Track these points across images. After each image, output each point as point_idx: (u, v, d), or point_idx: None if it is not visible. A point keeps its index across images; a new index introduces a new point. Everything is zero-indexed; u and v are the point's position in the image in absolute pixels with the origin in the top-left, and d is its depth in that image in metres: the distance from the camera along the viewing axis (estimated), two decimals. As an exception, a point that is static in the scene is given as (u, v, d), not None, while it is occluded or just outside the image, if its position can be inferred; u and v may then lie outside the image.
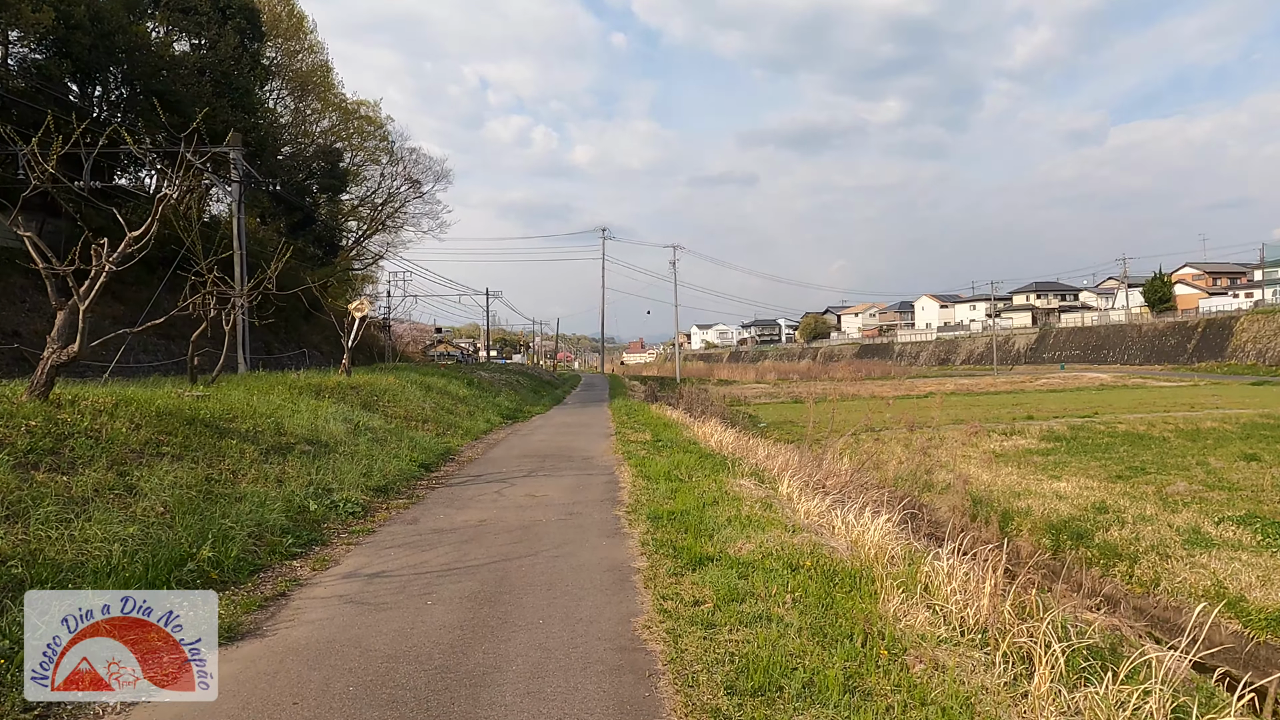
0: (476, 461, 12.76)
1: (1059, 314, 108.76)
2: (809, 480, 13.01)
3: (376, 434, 12.29)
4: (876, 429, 32.63)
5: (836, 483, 14.06)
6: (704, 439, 16.31)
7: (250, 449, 8.53)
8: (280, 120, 46.88)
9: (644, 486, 9.65)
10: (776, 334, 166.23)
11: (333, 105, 50.72)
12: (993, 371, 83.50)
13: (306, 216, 47.07)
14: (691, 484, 9.73)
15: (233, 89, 35.88)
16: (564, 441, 15.74)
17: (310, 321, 39.10)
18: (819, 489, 11.40)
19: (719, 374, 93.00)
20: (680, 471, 10.67)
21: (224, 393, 11.75)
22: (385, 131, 53.56)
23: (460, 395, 21.93)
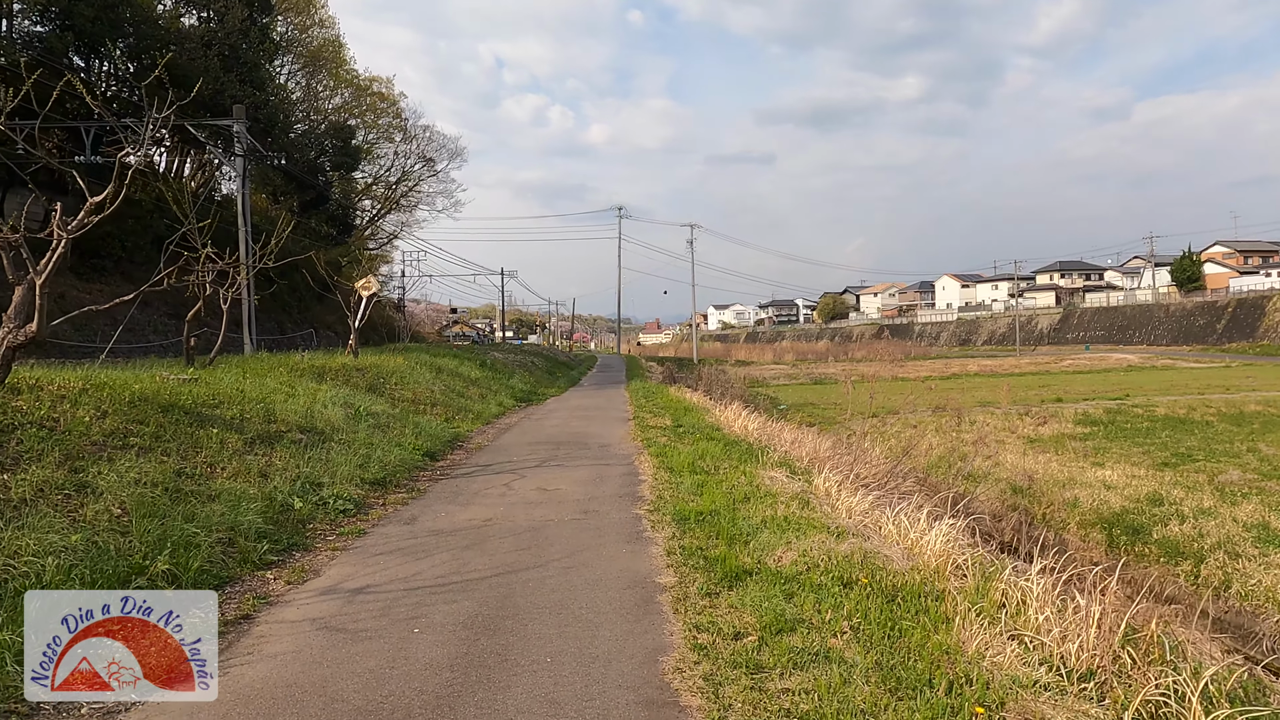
0: (486, 449, 11.94)
1: (1083, 293, 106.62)
2: (844, 471, 12.12)
3: (379, 420, 11.49)
4: (901, 412, 31.65)
5: (872, 473, 13.16)
6: (727, 424, 15.41)
7: (233, 439, 7.73)
8: (292, 96, 46.07)
9: (667, 480, 8.77)
10: (794, 314, 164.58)
11: (345, 82, 49.83)
12: (1015, 352, 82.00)
13: (319, 195, 46.35)
14: (719, 476, 8.84)
15: (241, 63, 35.03)
16: (579, 427, 14.90)
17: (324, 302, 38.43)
18: (856, 482, 10.49)
19: (736, 354, 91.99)
20: (705, 462, 9.79)
21: (216, 376, 10.97)
22: (399, 109, 52.63)
23: (472, 377, 21.13)
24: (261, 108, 35.87)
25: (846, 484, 9.09)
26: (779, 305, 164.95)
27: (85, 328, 27.07)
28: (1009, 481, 15.87)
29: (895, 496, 10.39)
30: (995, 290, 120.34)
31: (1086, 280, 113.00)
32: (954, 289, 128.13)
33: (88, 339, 24.27)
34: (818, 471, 10.58)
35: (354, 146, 48.12)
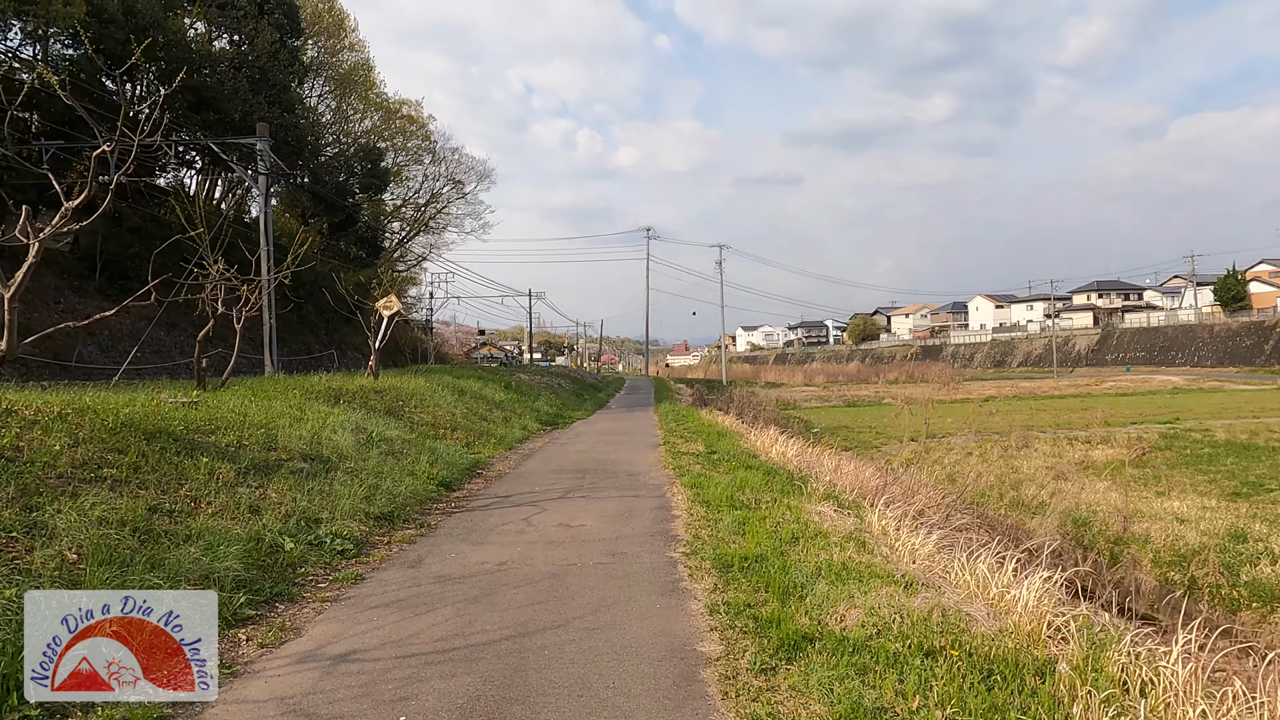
0: (506, 477, 11.13)
1: (1122, 314, 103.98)
2: (895, 504, 11.15)
3: (392, 446, 10.74)
4: (939, 435, 30.39)
5: (925, 505, 12.17)
6: (763, 450, 14.48)
7: (225, 469, 6.99)
8: (322, 119, 46.25)
9: (703, 516, 7.88)
10: (824, 335, 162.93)
11: (374, 105, 50.02)
12: (1052, 374, 79.96)
13: (348, 217, 46.34)
14: (761, 512, 7.93)
15: (270, 85, 35.08)
16: (606, 453, 14.04)
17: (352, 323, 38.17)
18: (911, 516, 9.52)
19: (766, 376, 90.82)
20: (745, 494, 8.88)
21: (222, 399, 10.31)
22: (427, 131, 52.76)
23: (496, 400, 20.40)
24: (290, 129, 35.85)
25: (902, 520, 8.13)
26: (808, 326, 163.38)
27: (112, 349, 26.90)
28: (1068, 513, 14.70)
29: (953, 532, 9.40)
30: (1030, 311, 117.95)
31: (1125, 300, 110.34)
32: (988, 309, 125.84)
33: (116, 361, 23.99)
34: (868, 505, 9.63)
35: (383, 168, 48.14)
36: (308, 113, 41.96)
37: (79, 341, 27.21)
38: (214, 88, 31.66)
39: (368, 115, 50.32)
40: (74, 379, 21.39)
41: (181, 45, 31.59)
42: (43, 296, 26.51)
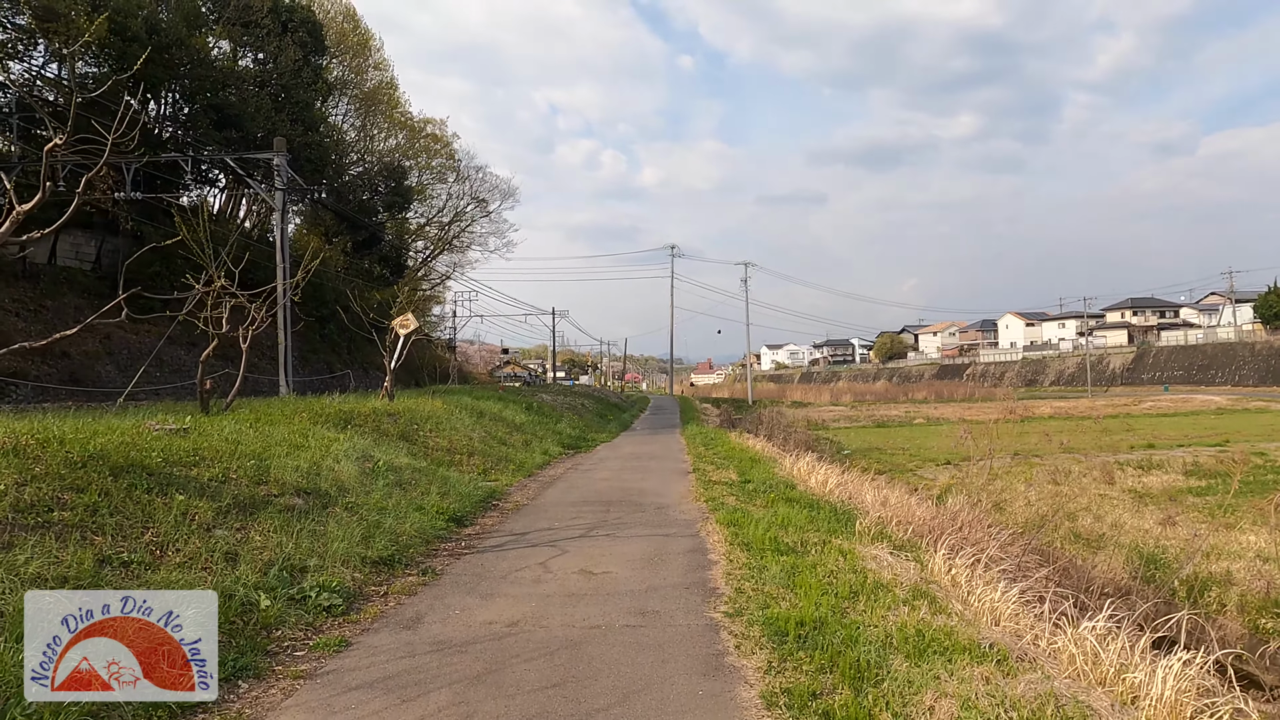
0: (524, 510, 10.22)
1: (1158, 332, 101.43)
2: (950, 539, 10.13)
3: (400, 475, 9.88)
4: (976, 458, 29.10)
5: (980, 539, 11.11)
6: (800, 478, 13.48)
7: (203, 508, 6.16)
8: (345, 138, 46.17)
9: (745, 562, 6.90)
10: (850, 354, 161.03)
11: (398, 123, 49.90)
12: (1087, 393, 77.90)
13: (372, 235, 46.11)
14: (810, 557, 6.96)
15: (293, 103, 34.87)
16: (633, 481, 13.11)
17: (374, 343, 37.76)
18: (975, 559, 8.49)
19: (791, 395, 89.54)
20: (789, 534, 7.91)
21: (219, 424, 9.53)
22: (451, 149, 52.59)
23: (516, 422, 19.56)
24: (313, 147, 35.60)
25: (964, 563, 7.10)
26: (834, 345, 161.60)
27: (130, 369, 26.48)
28: (1134, 547, 13.51)
29: (1026, 577, 8.34)
30: (1062, 329, 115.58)
31: (1161, 318, 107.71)
32: (1018, 328, 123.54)
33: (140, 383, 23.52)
34: (926, 546, 8.62)
35: (406, 186, 47.92)
36: (331, 131, 41.84)
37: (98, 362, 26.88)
38: (237, 106, 31.45)
39: (392, 134, 50.25)
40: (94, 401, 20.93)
41: (205, 63, 31.42)
42: (62, 315, 26.20)
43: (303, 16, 36.57)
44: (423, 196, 52.25)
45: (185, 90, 31.65)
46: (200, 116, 31.57)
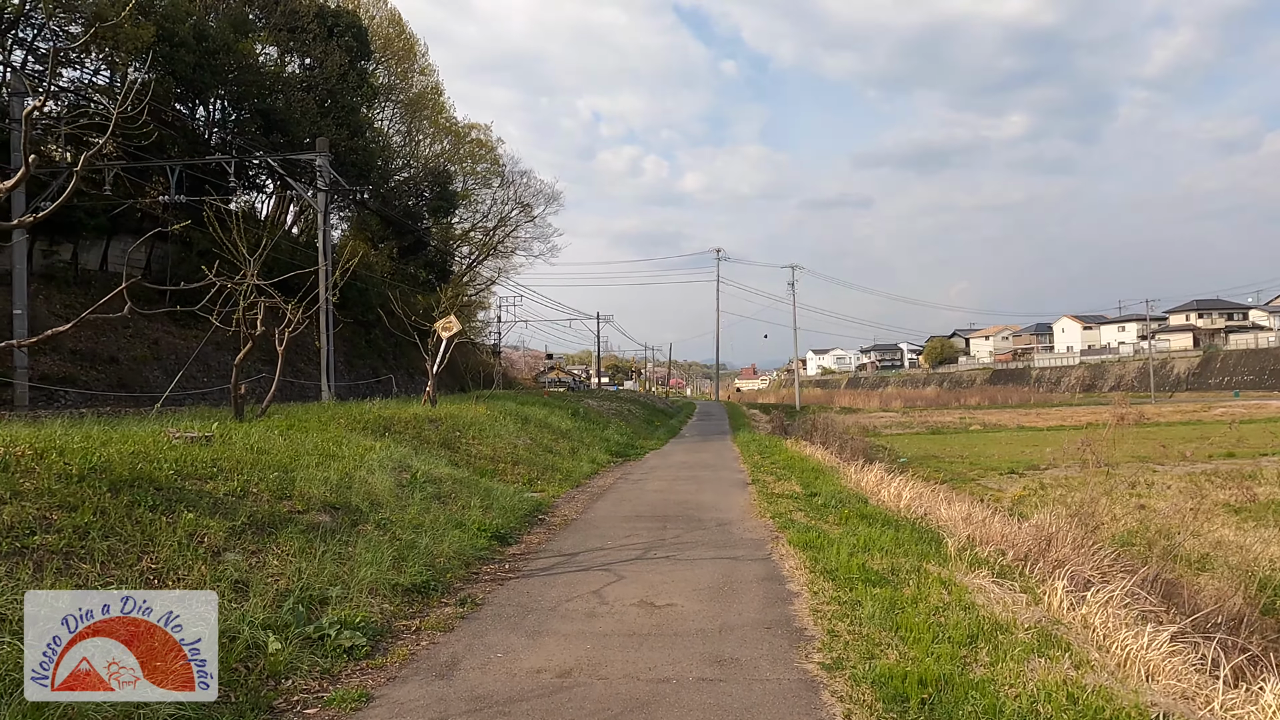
0: (573, 525, 9.37)
1: (1225, 334, 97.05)
2: (1047, 562, 9.05)
3: (440, 487, 9.11)
4: (1040, 466, 27.56)
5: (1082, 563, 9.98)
6: (869, 490, 12.42)
7: (214, 528, 5.42)
8: (391, 143, 46.22)
9: (831, 593, 5.93)
10: (898, 359, 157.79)
11: (443, 129, 49.80)
12: (1150, 399, 74.59)
13: (418, 240, 46.04)
14: (907, 589, 5.97)
15: (339, 107, 34.75)
16: (688, 493, 12.18)
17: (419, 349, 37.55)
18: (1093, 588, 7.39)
19: (839, 401, 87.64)
20: (875, 559, 6.91)
21: (246, 432, 8.87)
22: (496, 155, 52.40)
23: (563, 429, 18.78)
24: (359, 151, 35.47)
25: (1096, 599, 6.03)
26: (881, 349, 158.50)
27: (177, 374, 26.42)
28: (1251, 570, 12.14)
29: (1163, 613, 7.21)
30: (1122, 332, 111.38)
31: (1229, 320, 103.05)
32: (1075, 331, 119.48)
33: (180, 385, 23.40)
34: (1030, 572, 7.56)
35: (451, 191, 47.74)
36: (377, 136, 41.81)
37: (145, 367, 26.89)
38: (283, 110, 31.40)
39: (437, 140, 50.17)
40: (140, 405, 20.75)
41: (252, 69, 31.42)
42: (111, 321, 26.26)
43: (349, 21, 36.53)
44: (467, 201, 52.12)
45: (232, 95, 31.70)
46: (248, 121, 31.61)
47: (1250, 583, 11.71)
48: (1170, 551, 14.08)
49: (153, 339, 27.96)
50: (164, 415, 12.33)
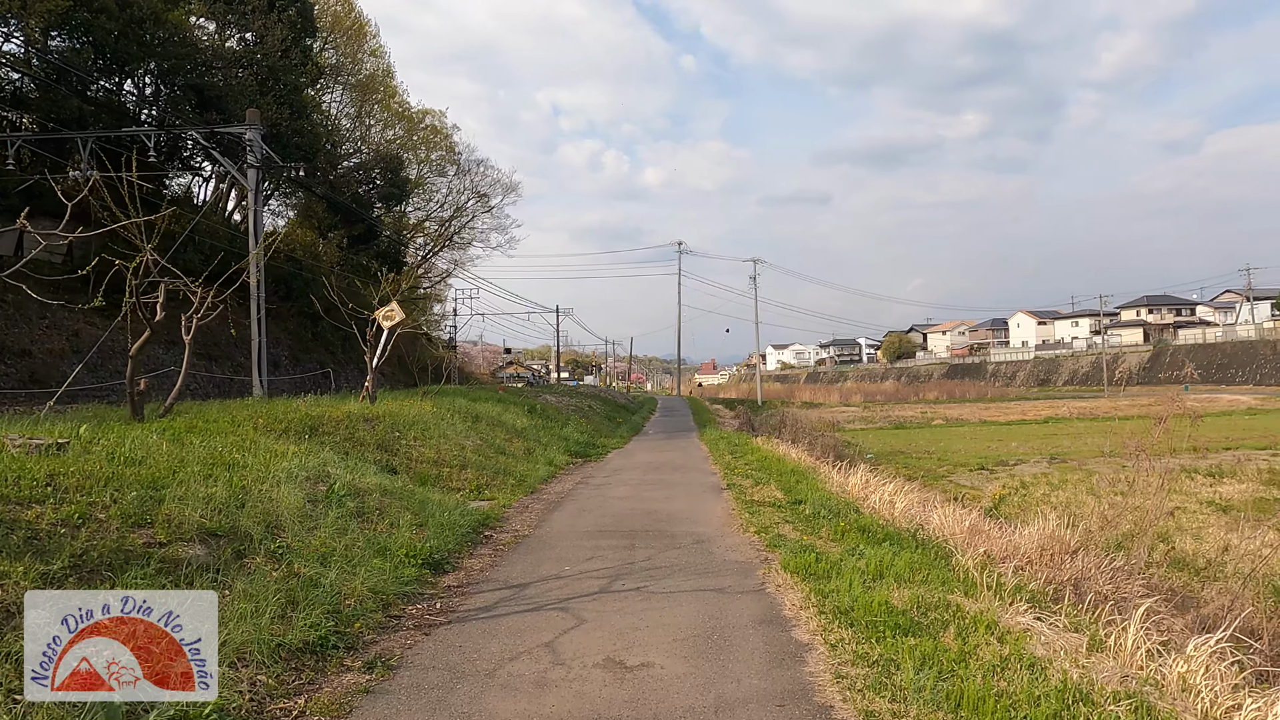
0: (525, 544, 7.94)
1: (1174, 330, 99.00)
2: (1067, 580, 7.96)
3: (365, 501, 7.61)
4: (1007, 462, 26.86)
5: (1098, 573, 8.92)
6: (856, 494, 11.21)
7: (13, 573, 3.90)
8: (340, 126, 44.06)
9: (856, 651, 4.58)
10: (856, 354, 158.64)
11: (396, 114, 47.72)
12: (1102, 392, 75.51)
13: (369, 229, 43.90)
14: (946, 637, 4.67)
15: (280, 86, 32.59)
16: (657, 501, 10.81)
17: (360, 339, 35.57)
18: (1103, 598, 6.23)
19: (800, 396, 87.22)
20: (891, 588, 5.62)
21: (126, 436, 7.27)
22: (451, 142, 50.43)
23: (517, 427, 17.28)
24: (303, 134, 33.39)
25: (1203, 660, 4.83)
26: (840, 345, 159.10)
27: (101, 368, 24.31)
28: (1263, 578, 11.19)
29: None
30: (1075, 327, 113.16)
31: (1177, 316, 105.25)
32: (1029, 326, 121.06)
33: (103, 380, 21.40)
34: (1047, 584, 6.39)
35: (403, 178, 45.71)
36: (325, 119, 39.66)
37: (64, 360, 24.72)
38: (220, 87, 29.26)
39: (389, 125, 48.06)
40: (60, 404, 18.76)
41: (184, 42, 29.21)
42: (24, 312, 24.06)
43: (292, -6, 34.38)
44: (422, 190, 50.15)
45: (163, 70, 29.42)
46: (180, 99, 29.39)
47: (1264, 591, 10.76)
48: (1172, 556, 13.14)
49: (72, 330, 25.73)
50: (61, 413, 10.70)
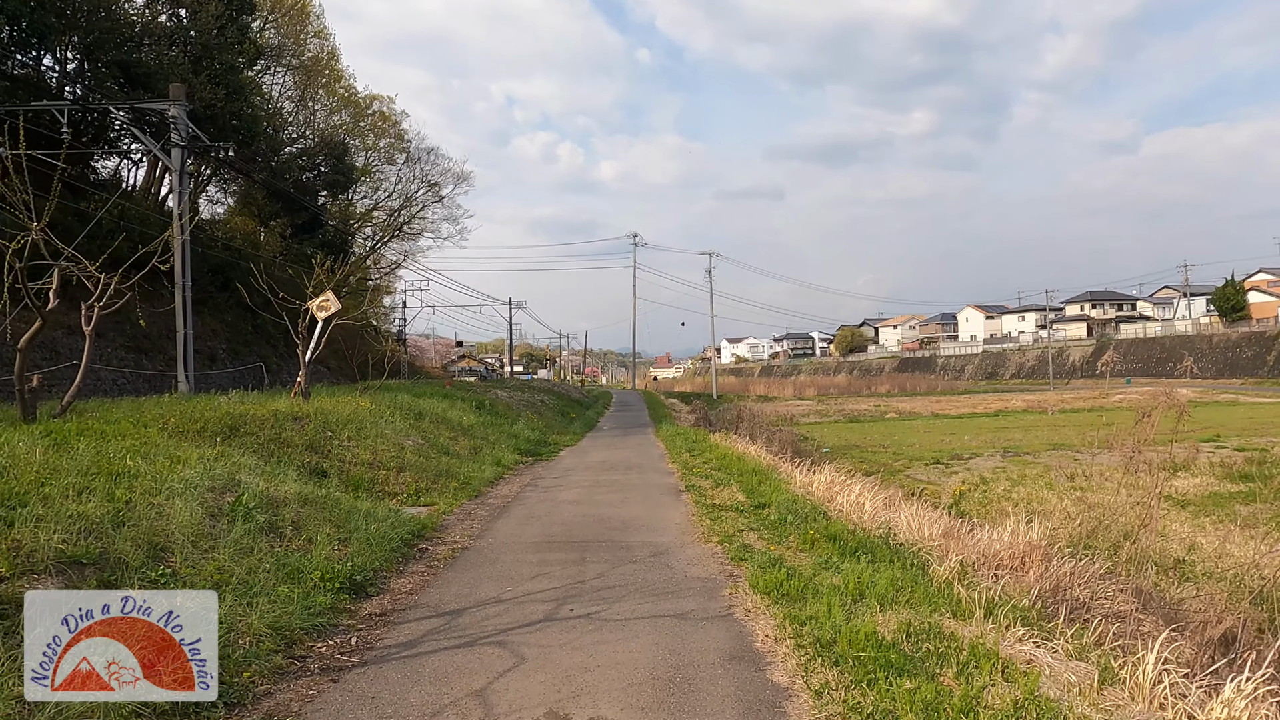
0: (463, 559, 7.12)
1: (1116, 325, 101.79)
2: (1046, 589, 7.49)
3: (280, 513, 6.71)
4: (964, 456, 26.77)
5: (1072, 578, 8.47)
6: (823, 498, 10.60)
7: None
8: (282, 109, 42.27)
9: (844, 695, 3.89)
10: (809, 347, 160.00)
11: (342, 99, 45.97)
12: (1049, 386, 77.13)
13: (313, 218, 42.15)
14: (943, 672, 4.04)
15: (215, 65, 30.88)
16: (610, 506, 10.05)
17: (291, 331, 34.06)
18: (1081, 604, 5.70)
19: (754, 389, 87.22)
20: (878, 615, 4.98)
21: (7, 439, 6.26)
22: (401, 130, 48.86)
23: (464, 425, 16.35)
24: (241, 117, 31.76)
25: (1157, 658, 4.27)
26: (794, 338, 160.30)
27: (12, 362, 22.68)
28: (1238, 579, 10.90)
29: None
30: (1022, 322, 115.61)
31: (1119, 311, 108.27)
32: (978, 321, 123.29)
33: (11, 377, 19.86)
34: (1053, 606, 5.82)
35: (349, 165, 44.04)
36: (265, 102, 37.92)
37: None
38: (149, 65, 27.56)
39: (336, 111, 46.28)
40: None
41: (110, 15, 27.43)
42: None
43: (226, -33, 32.66)
44: (369, 178, 48.48)
45: (86, 45, 27.60)
46: (105, 75, 27.62)
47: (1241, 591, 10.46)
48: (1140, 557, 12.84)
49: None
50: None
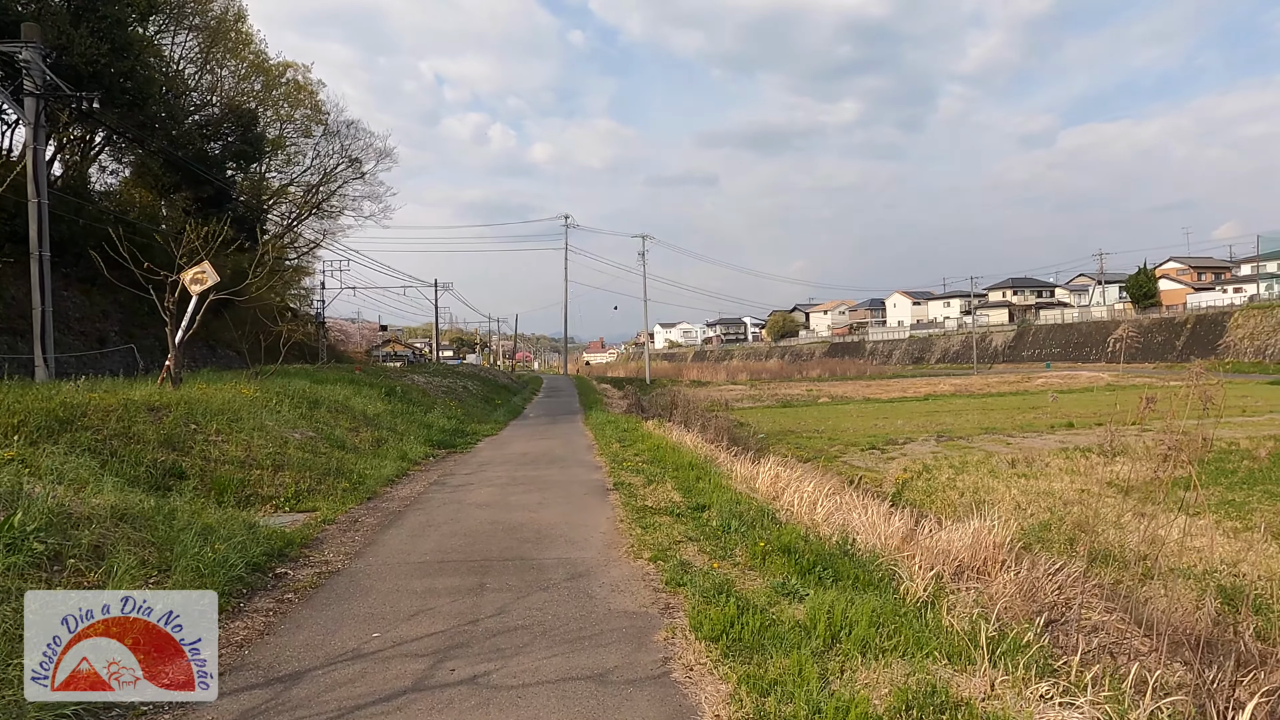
0: (327, 588, 5.62)
1: (1036, 311, 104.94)
2: (1022, 594, 6.47)
3: (75, 536, 5.08)
4: (896, 440, 26.28)
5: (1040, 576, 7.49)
6: (767, 495, 9.43)
7: None
8: (184, 73, 38.97)
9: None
10: (742, 333, 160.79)
11: (252, 65, 42.75)
12: (973, 370, 78.84)
13: (219, 192, 39.05)
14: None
15: (98, 17, 27.87)
16: (525, 509, 8.62)
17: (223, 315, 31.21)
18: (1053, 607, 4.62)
19: (688, 374, 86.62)
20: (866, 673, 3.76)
21: None
22: (318, 101, 45.81)
23: (368, 414, 14.63)
24: (131, 77, 28.80)
25: None
26: (727, 324, 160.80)
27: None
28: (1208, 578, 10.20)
29: None
30: (947, 308, 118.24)
31: (1039, 298, 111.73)
32: (905, 306, 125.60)
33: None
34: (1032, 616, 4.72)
35: (258, 135, 41.00)
36: (163, 64, 34.78)
37: None
38: (19, 12, 24.59)
39: (245, 79, 43.02)
40: None
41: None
42: None
43: (110, -90, 29.55)
44: (283, 151, 45.37)
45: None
46: (-37, 21, 24.55)
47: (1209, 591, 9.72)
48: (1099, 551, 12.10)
49: None
50: None
